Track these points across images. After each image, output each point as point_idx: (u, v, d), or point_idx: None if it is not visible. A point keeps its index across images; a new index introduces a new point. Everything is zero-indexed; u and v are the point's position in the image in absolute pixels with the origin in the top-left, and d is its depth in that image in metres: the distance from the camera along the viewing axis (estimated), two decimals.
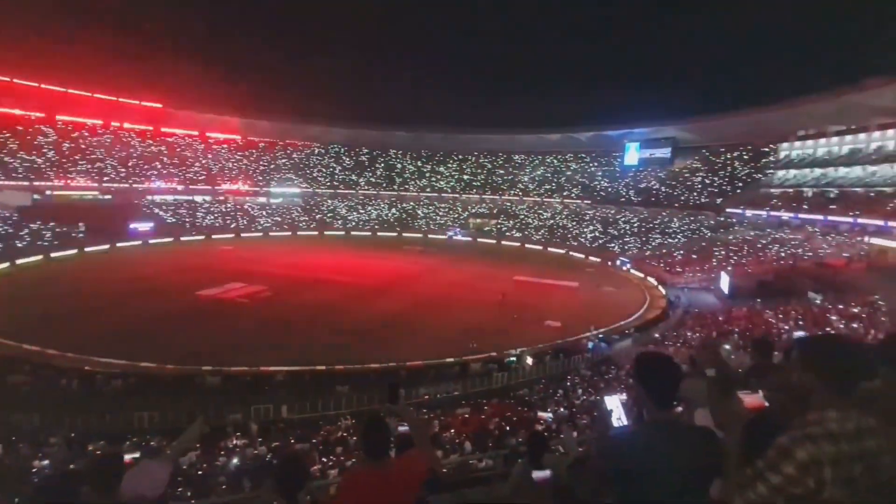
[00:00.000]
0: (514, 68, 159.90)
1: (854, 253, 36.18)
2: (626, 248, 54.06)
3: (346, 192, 78.03)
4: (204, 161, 72.67)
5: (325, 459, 11.30)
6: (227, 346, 21.94)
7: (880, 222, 36.90)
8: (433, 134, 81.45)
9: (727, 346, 18.02)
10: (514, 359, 22.46)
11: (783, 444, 1.37)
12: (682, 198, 60.43)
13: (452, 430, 13.58)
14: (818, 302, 26.67)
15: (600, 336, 25.92)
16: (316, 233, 65.91)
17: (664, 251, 49.76)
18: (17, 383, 17.47)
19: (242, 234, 60.62)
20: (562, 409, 15.47)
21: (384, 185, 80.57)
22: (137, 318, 25.33)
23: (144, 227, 53.84)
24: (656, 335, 26.27)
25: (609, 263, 49.36)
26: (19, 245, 42.91)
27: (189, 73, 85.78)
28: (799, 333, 14.88)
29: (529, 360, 22.32)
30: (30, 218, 47.43)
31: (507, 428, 13.33)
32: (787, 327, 22.58)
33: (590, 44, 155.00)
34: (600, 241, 57.91)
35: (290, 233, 64.41)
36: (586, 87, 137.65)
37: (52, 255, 42.47)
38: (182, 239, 54.37)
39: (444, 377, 20.50)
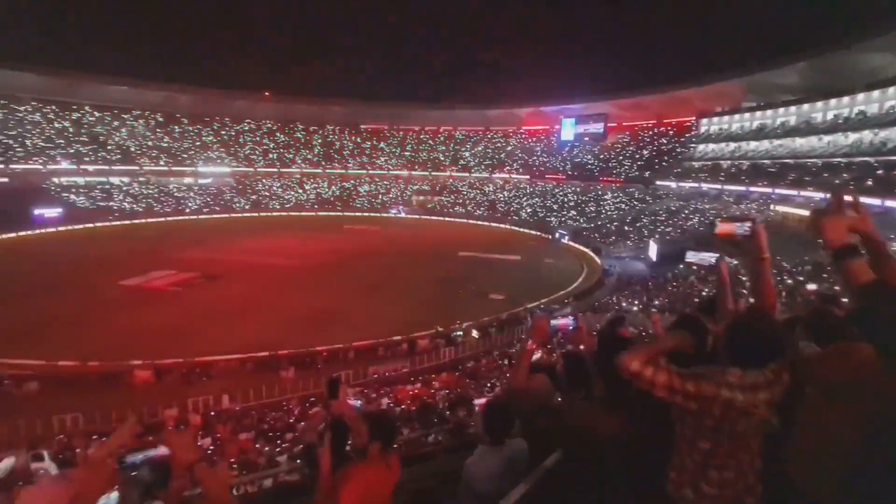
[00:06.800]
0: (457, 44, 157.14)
1: (762, 219, 39.55)
2: (563, 221, 55.95)
3: (283, 170, 74.68)
4: (119, 138, 66.25)
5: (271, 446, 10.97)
6: (156, 338, 20.56)
7: (784, 191, 40.48)
8: (372, 110, 79.36)
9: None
10: (460, 333, 22.80)
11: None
12: (615, 171, 63.13)
13: (403, 406, 13.64)
14: (735, 263, 29.16)
15: (542, 306, 26.81)
16: (253, 214, 62.86)
17: (598, 223, 52.03)
18: None
19: (169, 218, 56.67)
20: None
21: (322, 162, 77.86)
22: (51, 313, 23.04)
23: (52, 212, 48.83)
24: (595, 303, 27.64)
25: (549, 236, 50.95)
26: None
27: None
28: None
29: (475, 334, 22.75)
30: None
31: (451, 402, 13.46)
32: (706, 290, 24.58)
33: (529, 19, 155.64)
34: (540, 215, 59.53)
35: (224, 215, 60.95)
36: (529, 63, 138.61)
37: None
38: (98, 224, 49.94)
39: (393, 355, 20.52)
